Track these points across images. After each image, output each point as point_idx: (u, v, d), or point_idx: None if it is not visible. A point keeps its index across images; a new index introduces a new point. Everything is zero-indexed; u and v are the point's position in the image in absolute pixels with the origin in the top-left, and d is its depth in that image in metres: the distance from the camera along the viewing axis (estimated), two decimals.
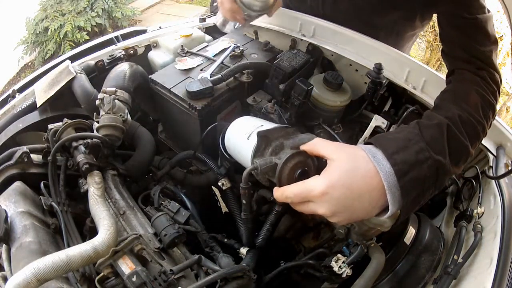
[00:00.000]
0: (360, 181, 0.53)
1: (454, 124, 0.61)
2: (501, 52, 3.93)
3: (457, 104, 0.66)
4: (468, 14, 0.77)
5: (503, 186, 0.78)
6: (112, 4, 4.30)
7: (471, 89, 0.70)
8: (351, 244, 0.65)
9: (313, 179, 0.56)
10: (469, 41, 0.77)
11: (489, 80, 0.73)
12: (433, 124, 0.61)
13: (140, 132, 0.89)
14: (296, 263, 0.73)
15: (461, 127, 0.62)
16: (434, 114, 0.64)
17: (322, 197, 0.54)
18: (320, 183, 0.54)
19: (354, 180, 0.53)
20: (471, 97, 0.69)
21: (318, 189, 0.54)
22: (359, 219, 0.57)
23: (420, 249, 0.69)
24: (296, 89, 0.80)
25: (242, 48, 1.01)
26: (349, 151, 0.57)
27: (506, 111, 3.83)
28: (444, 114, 0.63)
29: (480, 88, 0.71)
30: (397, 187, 0.52)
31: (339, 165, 0.54)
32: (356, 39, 1.04)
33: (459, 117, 0.63)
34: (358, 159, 0.55)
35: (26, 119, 0.95)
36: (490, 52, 0.76)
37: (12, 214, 0.64)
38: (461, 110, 0.65)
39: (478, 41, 0.76)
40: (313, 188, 0.54)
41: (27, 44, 4.20)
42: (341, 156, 0.55)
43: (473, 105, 0.67)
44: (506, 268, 0.62)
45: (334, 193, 0.53)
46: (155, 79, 0.90)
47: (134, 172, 0.84)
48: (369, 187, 0.53)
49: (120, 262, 0.56)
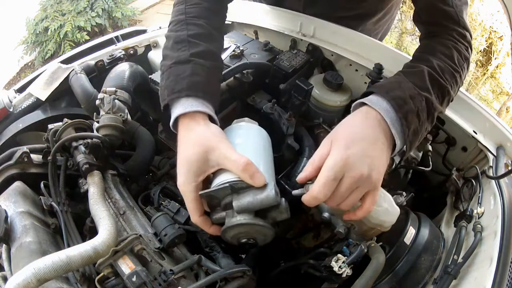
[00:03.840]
0: (367, 129, 0.57)
1: (434, 71, 0.68)
2: (501, 52, 3.94)
3: (435, 55, 0.72)
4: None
5: (503, 186, 0.78)
6: (112, 4, 4.30)
7: (446, 44, 0.76)
8: (351, 244, 0.65)
9: (328, 159, 0.54)
10: (437, 3, 0.78)
11: (460, 38, 0.78)
12: (415, 71, 0.68)
13: (140, 132, 0.89)
14: (296, 263, 0.73)
15: (440, 73, 0.68)
16: (415, 64, 0.70)
17: (348, 162, 0.52)
18: (335, 154, 0.53)
19: (361, 130, 0.57)
20: (447, 49, 0.74)
21: (338, 158, 0.52)
22: (384, 164, 0.57)
23: (420, 249, 0.69)
24: (296, 89, 0.80)
25: (242, 48, 1.01)
26: (343, 122, 0.60)
27: (506, 111, 3.83)
28: (425, 64, 0.69)
29: (453, 43, 0.76)
30: (398, 120, 0.58)
31: (339, 131, 0.57)
32: (356, 39, 1.04)
33: (438, 66, 0.69)
34: (354, 116, 0.60)
35: (26, 119, 0.95)
36: (460, 12, 0.79)
37: (12, 214, 0.64)
38: (439, 60, 0.71)
39: (447, 2, 0.78)
40: (334, 162, 0.53)
41: (27, 44, 4.20)
42: (337, 128, 0.59)
43: (448, 56, 0.73)
44: (506, 268, 0.62)
45: (354, 150, 0.53)
46: (155, 79, 0.90)
47: (134, 172, 0.84)
48: (376, 129, 0.57)
49: (120, 262, 0.56)
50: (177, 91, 0.62)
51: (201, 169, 0.57)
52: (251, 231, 0.56)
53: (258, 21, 1.20)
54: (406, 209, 0.77)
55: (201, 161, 0.57)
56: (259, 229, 0.55)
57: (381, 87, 0.63)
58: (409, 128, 0.59)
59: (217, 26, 0.78)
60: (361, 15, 1.15)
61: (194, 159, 0.57)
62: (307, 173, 0.56)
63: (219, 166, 0.57)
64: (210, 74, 0.68)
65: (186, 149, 0.59)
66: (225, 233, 0.57)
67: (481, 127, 0.89)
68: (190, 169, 0.57)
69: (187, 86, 0.63)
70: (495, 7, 3.65)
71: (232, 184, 0.54)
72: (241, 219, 0.54)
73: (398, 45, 4.48)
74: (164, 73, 0.68)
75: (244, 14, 1.26)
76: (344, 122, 0.61)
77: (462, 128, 0.89)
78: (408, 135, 0.59)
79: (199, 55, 0.68)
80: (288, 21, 1.15)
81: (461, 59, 0.75)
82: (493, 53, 3.98)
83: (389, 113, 0.58)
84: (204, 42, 0.70)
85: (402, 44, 4.52)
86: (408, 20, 4.35)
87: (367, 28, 1.22)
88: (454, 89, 0.72)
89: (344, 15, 1.10)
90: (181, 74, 0.65)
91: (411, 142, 0.61)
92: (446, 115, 0.91)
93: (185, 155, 0.59)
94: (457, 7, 0.78)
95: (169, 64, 0.67)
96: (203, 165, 0.57)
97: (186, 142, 0.60)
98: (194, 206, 0.57)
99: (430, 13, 0.81)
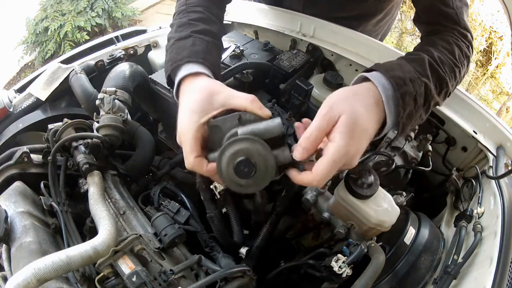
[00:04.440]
0: (369, 116, 0.56)
1: (434, 61, 0.68)
2: (501, 52, 3.94)
3: (436, 48, 0.73)
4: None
5: (503, 186, 0.78)
6: (112, 4, 4.30)
7: (448, 39, 0.76)
8: (351, 244, 0.65)
9: (332, 149, 0.51)
10: (438, 4, 0.79)
11: (461, 37, 0.78)
12: (416, 57, 0.68)
13: (140, 132, 0.89)
14: (296, 263, 0.73)
15: (440, 64, 0.69)
16: (415, 53, 0.71)
17: (348, 156, 0.52)
18: (339, 144, 0.51)
19: (365, 118, 0.55)
20: (448, 44, 0.75)
21: (342, 152, 0.51)
22: (370, 138, 0.57)
23: (420, 249, 0.69)
24: (296, 89, 0.80)
25: (242, 48, 1.01)
26: (346, 95, 0.58)
27: (506, 111, 3.83)
28: (426, 53, 0.69)
29: (454, 39, 0.77)
30: (394, 98, 0.58)
31: (341, 106, 0.54)
32: (356, 39, 1.04)
33: (438, 58, 0.69)
34: (358, 90, 0.59)
35: (26, 119, 0.95)
36: (461, 14, 0.79)
37: (12, 214, 0.64)
38: (440, 53, 0.71)
39: (447, 3, 0.78)
40: (337, 156, 0.51)
41: (27, 44, 4.20)
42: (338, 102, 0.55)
43: (449, 50, 0.73)
44: (506, 268, 0.62)
45: (355, 146, 0.53)
46: (155, 79, 0.90)
47: (134, 172, 0.84)
48: (370, 104, 0.57)
49: (120, 262, 0.56)
50: (179, 60, 0.65)
51: (204, 110, 0.56)
52: (251, 150, 0.49)
53: (258, 21, 1.20)
54: (406, 209, 0.77)
55: (205, 102, 0.57)
56: (259, 150, 0.49)
57: (382, 66, 0.63)
58: (405, 109, 0.59)
59: (217, 14, 0.81)
60: (360, 16, 1.15)
61: (198, 100, 0.57)
62: (305, 150, 0.52)
63: (223, 107, 0.57)
64: (210, 46, 0.71)
65: (190, 96, 0.60)
66: (221, 155, 0.50)
67: (481, 127, 0.89)
68: (194, 110, 0.56)
69: (188, 54, 0.66)
70: (495, 7, 3.65)
71: (240, 114, 0.54)
72: (242, 135, 0.50)
73: (398, 45, 4.48)
74: (168, 50, 0.71)
75: (244, 14, 1.26)
76: (348, 96, 0.57)
77: (462, 128, 0.89)
78: (402, 116, 0.59)
79: (199, 32, 0.72)
80: (288, 21, 1.15)
81: (462, 56, 0.75)
82: (493, 53, 3.98)
83: (387, 90, 0.58)
84: (203, 24, 0.74)
85: (402, 44, 4.52)
86: (408, 20, 4.35)
87: (367, 29, 1.22)
88: (452, 83, 0.72)
89: (343, 16, 1.10)
90: (182, 46, 0.69)
91: (404, 124, 0.61)
92: (446, 115, 0.91)
93: (188, 100, 0.59)
94: (458, 9, 0.78)
95: (172, 42, 0.71)
96: (207, 106, 0.56)
97: (190, 91, 0.61)
98: (192, 146, 0.54)
99: (430, 14, 0.82)
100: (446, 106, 0.87)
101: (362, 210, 0.65)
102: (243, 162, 0.48)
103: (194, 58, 0.65)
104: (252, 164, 0.48)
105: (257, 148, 0.49)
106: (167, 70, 0.68)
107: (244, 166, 0.48)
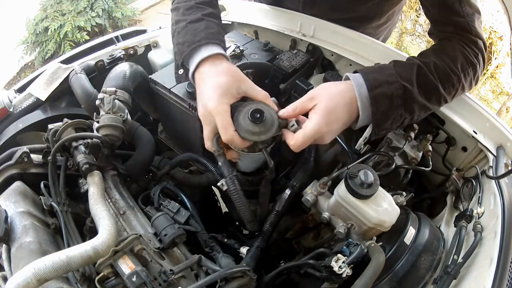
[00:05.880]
0: (344, 108, 0.67)
1: (426, 67, 0.73)
2: (501, 52, 3.94)
3: (436, 55, 0.76)
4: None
5: (503, 186, 0.78)
6: (112, 4, 4.30)
7: (453, 47, 0.79)
8: (351, 244, 0.65)
9: (310, 125, 0.64)
10: (449, 12, 0.80)
11: (471, 44, 0.80)
12: (406, 62, 0.74)
13: (140, 132, 0.89)
14: (296, 263, 0.73)
15: (433, 71, 0.73)
16: (411, 58, 0.76)
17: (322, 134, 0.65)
18: (316, 123, 0.64)
19: (341, 110, 0.66)
20: (451, 51, 0.78)
21: (317, 129, 0.64)
22: (344, 125, 0.69)
23: (420, 249, 0.69)
24: (296, 89, 0.80)
25: (242, 48, 1.01)
26: (331, 88, 0.69)
27: (506, 111, 3.83)
28: (421, 59, 0.74)
29: (461, 47, 0.79)
30: (367, 97, 0.67)
31: (324, 97, 0.66)
32: (356, 39, 1.04)
33: (434, 64, 0.73)
34: (340, 86, 0.69)
35: (26, 119, 0.95)
36: (472, 22, 0.80)
37: (12, 214, 0.64)
38: (438, 59, 0.75)
39: (458, 12, 0.79)
40: (314, 131, 0.63)
41: (27, 44, 4.20)
42: (323, 92, 0.67)
43: (451, 57, 0.76)
44: (506, 268, 0.62)
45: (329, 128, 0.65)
46: (155, 79, 0.90)
47: (134, 172, 0.84)
48: (348, 99, 0.67)
49: (120, 262, 0.56)
50: (197, 41, 0.70)
51: (233, 94, 0.66)
52: (259, 105, 0.65)
53: (258, 21, 1.20)
54: (406, 209, 0.77)
55: (234, 87, 0.66)
56: (264, 105, 0.66)
57: (365, 69, 0.73)
58: (378, 108, 0.68)
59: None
60: (359, 18, 1.14)
61: (228, 84, 0.65)
62: (288, 113, 0.67)
63: (244, 94, 0.67)
64: (220, 29, 0.76)
65: (217, 77, 0.66)
66: (239, 113, 0.65)
67: (481, 127, 0.89)
68: (224, 92, 0.64)
69: (206, 36, 0.71)
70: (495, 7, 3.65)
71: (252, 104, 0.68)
72: None
73: (398, 45, 4.48)
74: (180, 32, 0.75)
75: (244, 14, 1.26)
76: (331, 90, 0.68)
77: (462, 128, 0.89)
78: (376, 113, 0.68)
79: (208, 15, 0.76)
80: (288, 21, 1.15)
81: (466, 64, 0.77)
82: (493, 53, 3.98)
83: (361, 88, 0.68)
84: (209, 7, 0.79)
85: (402, 44, 4.52)
86: (408, 20, 4.35)
87: (367, 32, 1.21)
88: (448, 90, 0.75)
89: (342, 17, 1.10)
90: (197, 29, 0.73)
91: (379, 121, 0.69)
92: (446, 115, 0.91)
93: (217, 82, 0.65)
94: (469, 16, 0.79)
95: (184, 24, 0.74)
96: (233, 91, 0.66)
97: (215, 72, 0.67)
98: (230, 122, 0.64)
99: (442, 25, 0.85)
100: (446, 106, 0.87)
101: (362, 210, 0.65)
102: (255, 111, 0.64)
103: (213, 40, 0.70)
104: (262, 111, 0.64)
105: (262, 104, 0.66)
106: (182, 52, 0.71)
107: (256, 113, 0.63)
